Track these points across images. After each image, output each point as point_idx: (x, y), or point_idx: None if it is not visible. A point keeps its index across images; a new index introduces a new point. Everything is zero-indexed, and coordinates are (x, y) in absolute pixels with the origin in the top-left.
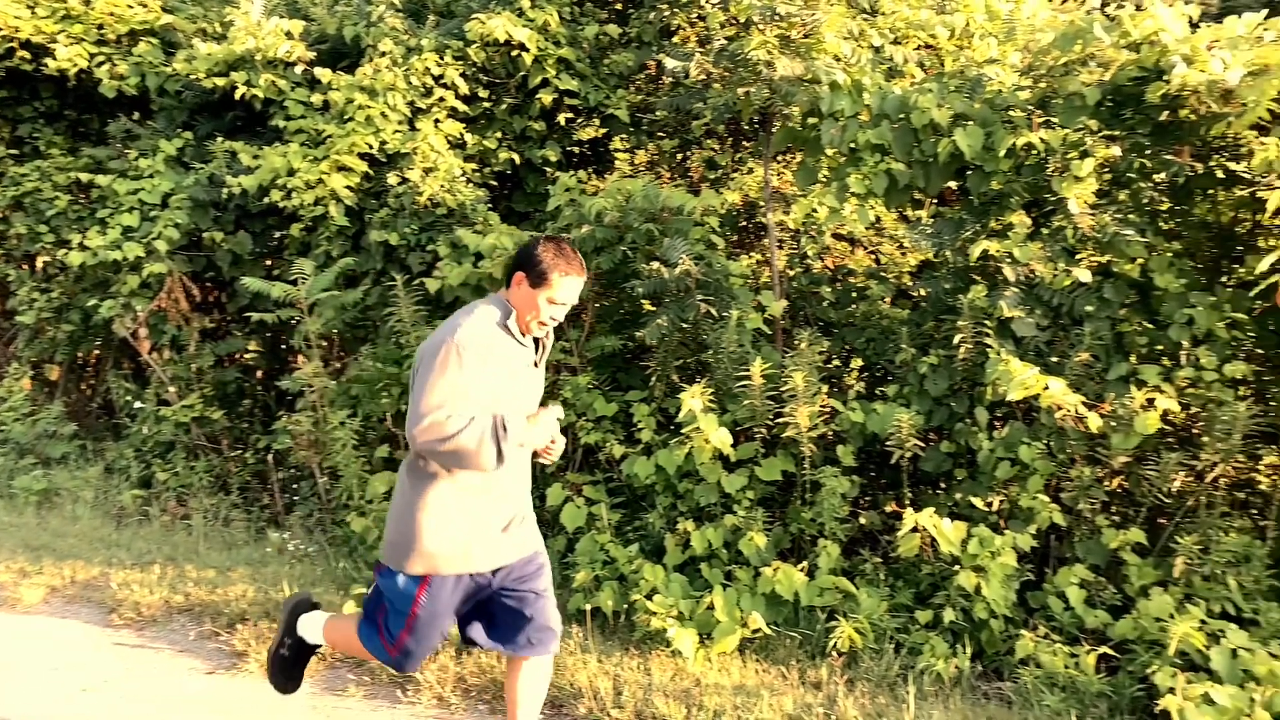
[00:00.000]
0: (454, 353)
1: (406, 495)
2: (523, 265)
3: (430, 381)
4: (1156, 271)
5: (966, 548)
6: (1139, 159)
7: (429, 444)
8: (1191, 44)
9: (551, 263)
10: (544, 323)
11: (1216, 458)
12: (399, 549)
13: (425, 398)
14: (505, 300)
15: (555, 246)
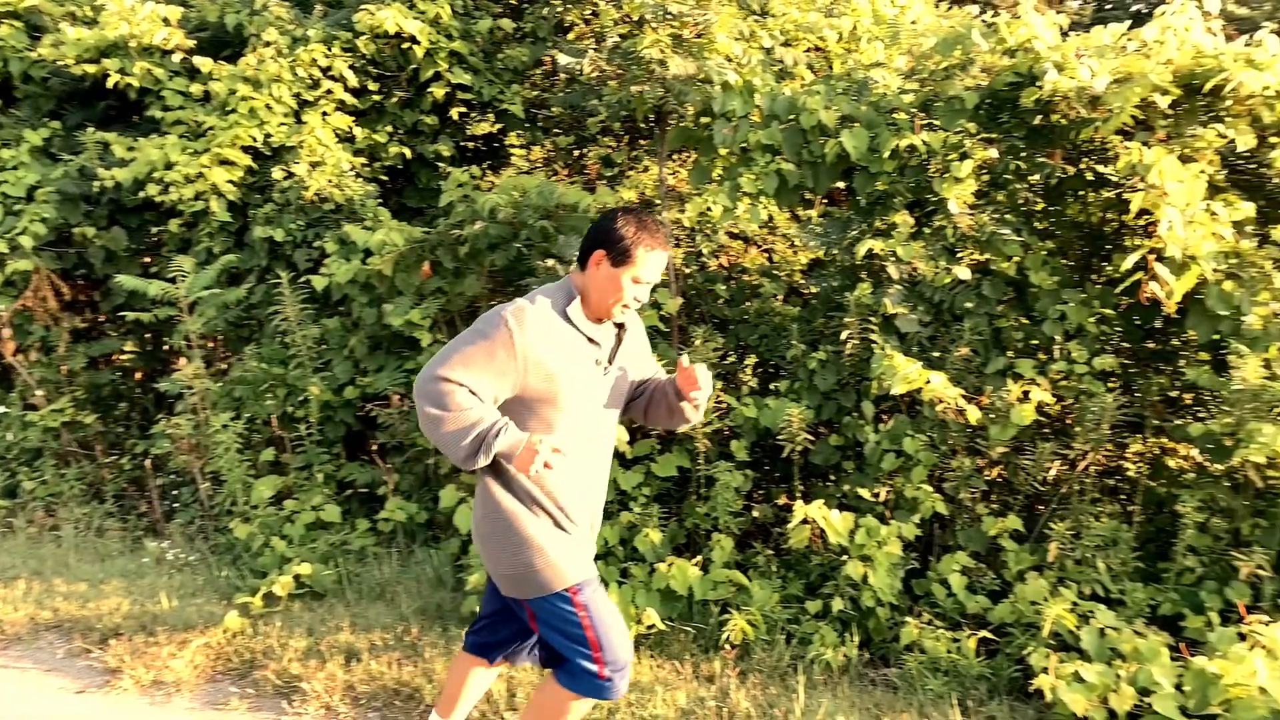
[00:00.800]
0: (504, 330)
1: (499, 518)
2: (602, 242)
3: (471, 348)
4: (1031, 269)
5: (854, 538)
6: (1014, 161)
7: (426, 399)
8: (1062, 52)
9: (635, 237)
10: (628, 305)
11: (1087, 447)
12: (527, 578)
13: (456, 358)
14: (571, 286)
15: (636, 219)
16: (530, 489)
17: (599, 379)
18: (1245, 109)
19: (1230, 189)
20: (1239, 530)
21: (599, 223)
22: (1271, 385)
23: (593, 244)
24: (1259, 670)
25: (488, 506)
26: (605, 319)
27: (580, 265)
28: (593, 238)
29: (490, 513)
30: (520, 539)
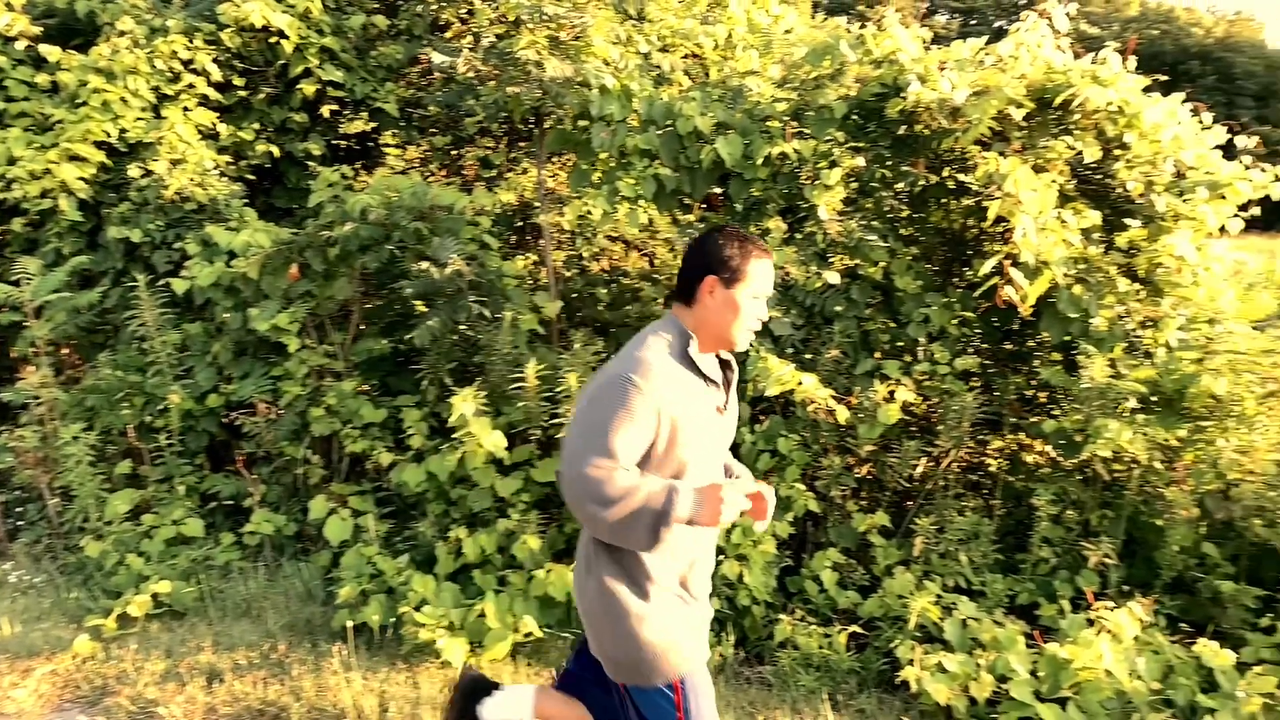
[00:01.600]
0: (633, 390)
1: (614, 597)
2: (710, 266)
3: (610, 421)
4: (897, 274)
5: (730, 538)
6: (881, 170)
7: (583, 493)
8: (925, 64)
9: (742, 250)
10: (752, 328)
11: (950, 444)
12: (638, 666)
13: (596, 439)
14: (680, 323)
15: (735, 234)
16: (651, 565)
17: (719, 424)
18: (1092, 123)
19: (1079, 198)
20: (1089, 521)
21: (698, 249)
22: (1116, 384)
23: (698, 271)
24: (1105, 654)
25: (601, 581)
26: (729, 348)
27: (684, 300)
28: (696, 265)
29: (604, 589)
30: (635, 622)
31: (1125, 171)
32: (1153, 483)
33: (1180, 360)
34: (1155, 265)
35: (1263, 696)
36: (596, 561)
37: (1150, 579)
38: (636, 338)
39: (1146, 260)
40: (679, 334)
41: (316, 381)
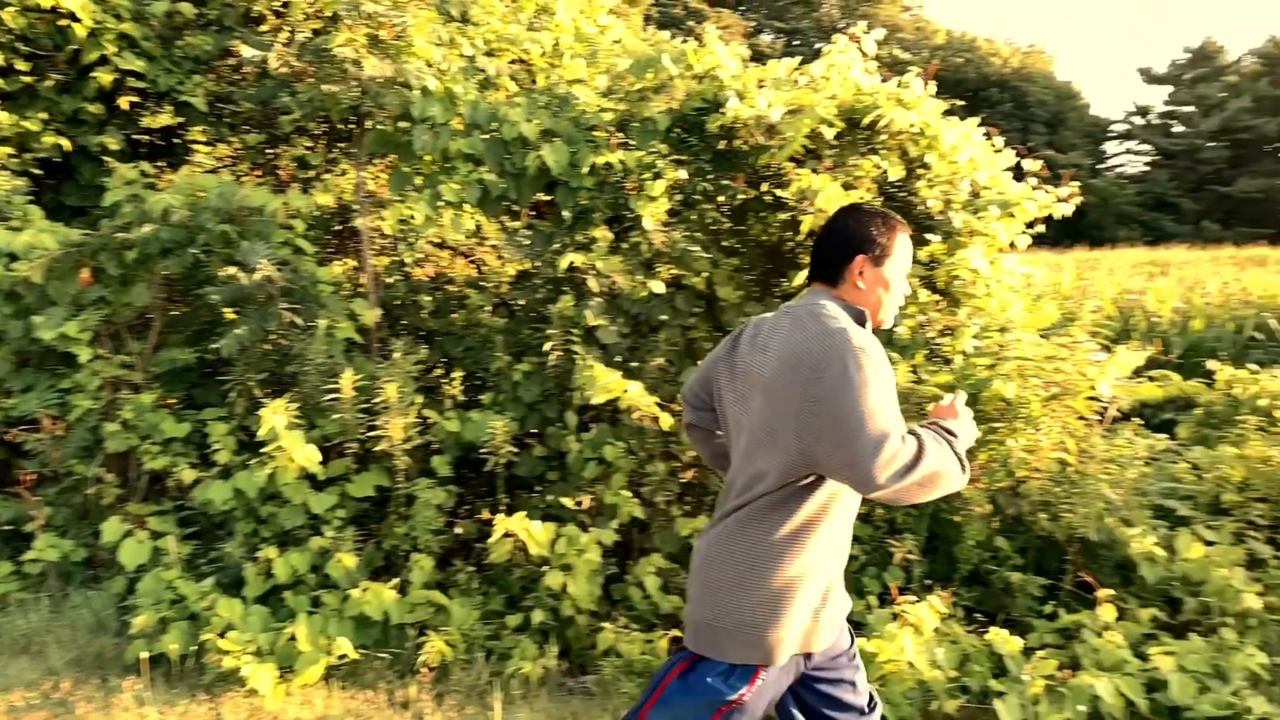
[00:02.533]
0: (866, 360)
1: (749, 560)
2: (857, 246)
3: (864, 402)
4: (720, 284)
5: (555, 548)
6: (703, 183)
7: (895, 477)
8: (743, 81)
9: (886, 225)
10: (900, 304)
11: None
12: (730, 634)
13: (868, 423)
14: (842, 302)
15: (872, 210)
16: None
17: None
18: (896, 143)
19: None
20: (894, 519)
21: (840, 230)
22: (918, 388)
23: (846, 252)
24: (907, 646)
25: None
26: (877, 326)
27: (829, 280)
28: (843, 245)
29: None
30: (769, 591)
31: (927, 190)
32: None
33: (975, 366)
34: (953, 277)
35: (1045, 679)
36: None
37: (950, 572)
38: (805, 316)
39: (945, 273)
40: (847, 308)
41: (112, 394)
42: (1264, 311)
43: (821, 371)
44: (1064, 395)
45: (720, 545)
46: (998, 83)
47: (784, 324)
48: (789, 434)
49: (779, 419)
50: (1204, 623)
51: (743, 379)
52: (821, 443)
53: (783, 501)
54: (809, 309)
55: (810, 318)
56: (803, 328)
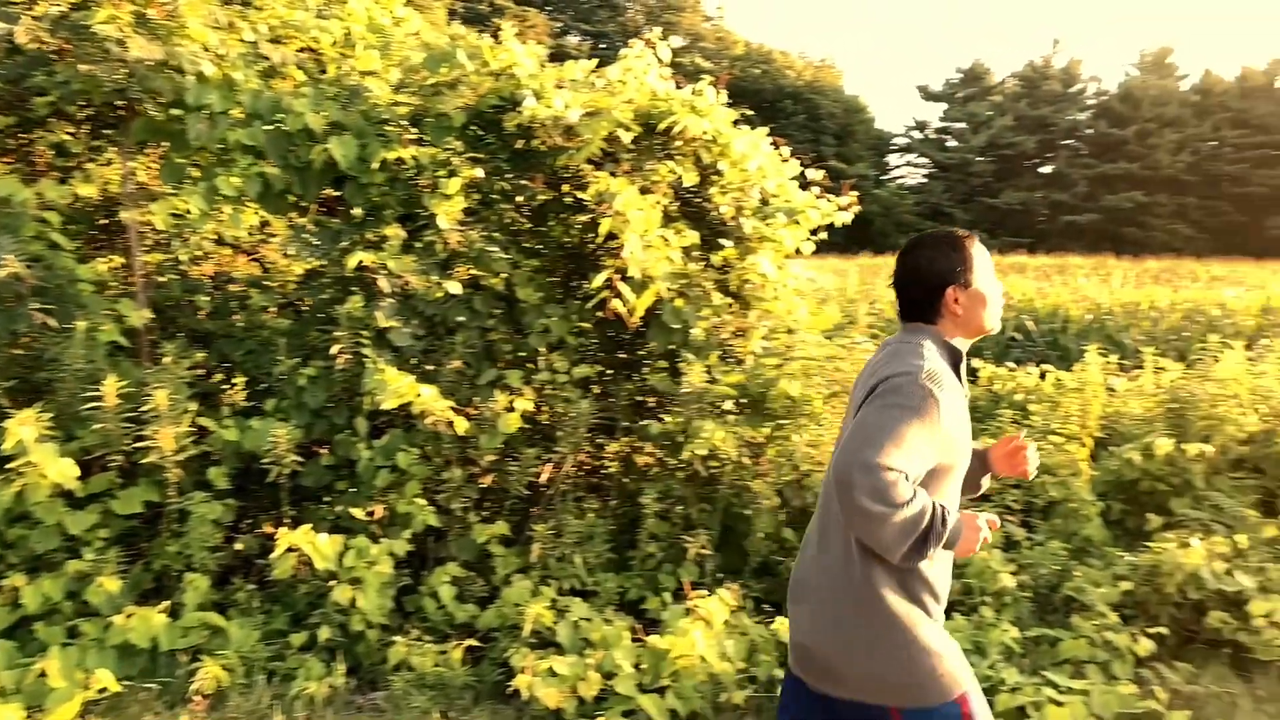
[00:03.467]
0: (931, 400)
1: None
2: (943, 279)
3: (904, 427)
4: (519, 285)
5: (343, 561)
6: (500, 182)
7: (865, 492)
8: (541, 81)
9: (954, 245)
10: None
11: (568, 450)
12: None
13: (888, 441)
14: (931, 332)
15: (934, 238)
16: (917, 583)
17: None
18: (691, 149)
19: (681, 219)
20: (690, 516)
21: (917, 270)
22: (712, 388)
23: (933, 289)
24: (698, 641)
25: (881, 603)
26: (985, 334)
27: (925, 319)
28: (927, 284)
29: (872, 613)
30: (915, 642)
31: (720, 196)
32: (742, 477)
33: (764, 366)
34: (744, 281)
35: None
36: (871, 583)
37: (741, 565)
38: (902, 349)
39: (737, 277)
40: (938, 343)
41: None
42: (1022, 314)
43: (896, 388)
44: (844, 393)
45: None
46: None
47: (882, 358)
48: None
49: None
50: (967, 602)
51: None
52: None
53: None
54: (906, 347)
55: (904, 355)
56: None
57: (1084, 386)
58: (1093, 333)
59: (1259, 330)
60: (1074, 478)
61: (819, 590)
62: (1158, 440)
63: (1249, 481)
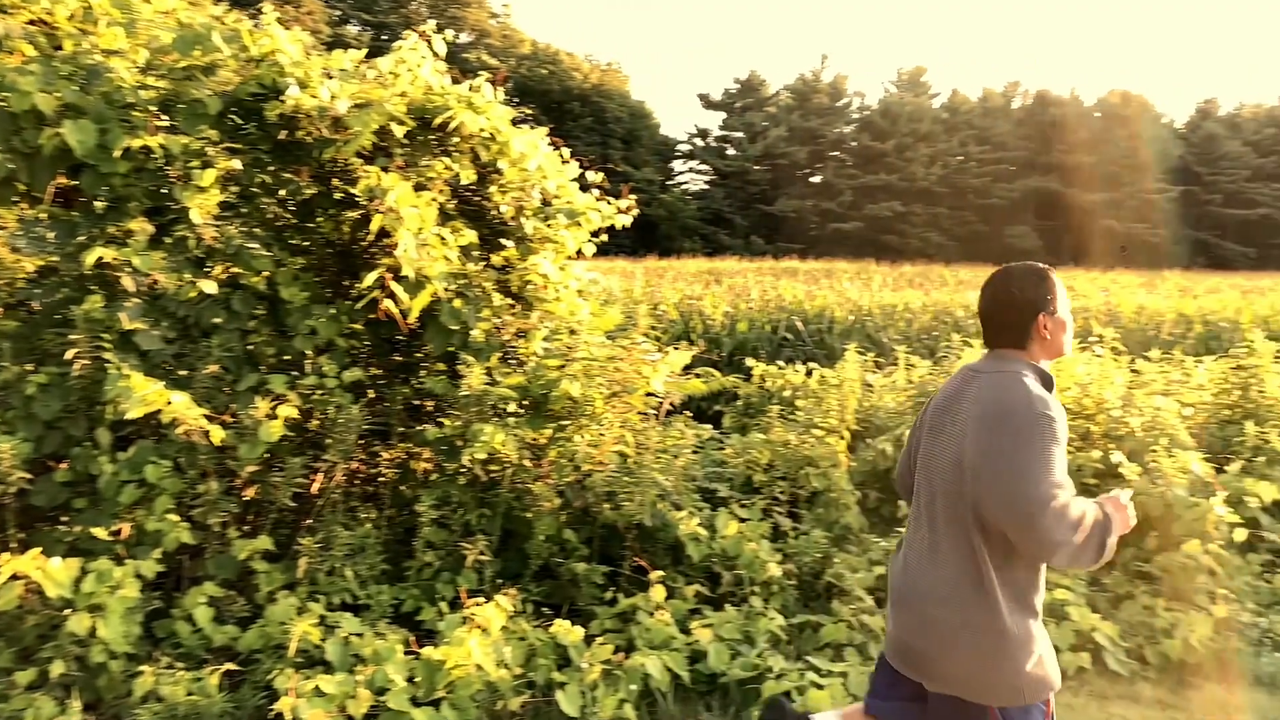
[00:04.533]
0: (1055, 422)
1: (1011, 622)
2: (1035, 308)
3: (1049, 455)
4: (283, 285)
5: (81, 587)
6: (261, 174)
7: (1057, 528)
8: (305, 69)
9: (1039, 277)
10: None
11: (338, 458)
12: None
13: (1043, 472)
14: (1023, 361)
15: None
16: (1033, 591)
17: None
18: (468, 146)
19: (459, 217)
20: (469, 522)
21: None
22: (492, 390)
23: (1026, 317)
24: (474, 649)
25: (998, 613)
26: (1066, 355)
27: (1016, 344)
28: (1020, 313)
29: (992, 622)
30: (1025, 648)
31: (499, 195)
32: (523, 479)
33: (546, 367)
34: (525, 282)
35: (602, 664)
36: (994, 597)
37: (522, 569)
38: (1005, 379)
39: (518, 277)
40: (1033, 370)
41: None
42: (793, 315)
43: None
44: (624, 393)
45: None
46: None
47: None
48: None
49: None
50: (738, 593)
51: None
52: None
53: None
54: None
55: (1011, 386)
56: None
57: (843, 383)
58: (855, 332)
59: None
60: (834, 469)
61: (935, 602)
62: (908, 432)
63: None
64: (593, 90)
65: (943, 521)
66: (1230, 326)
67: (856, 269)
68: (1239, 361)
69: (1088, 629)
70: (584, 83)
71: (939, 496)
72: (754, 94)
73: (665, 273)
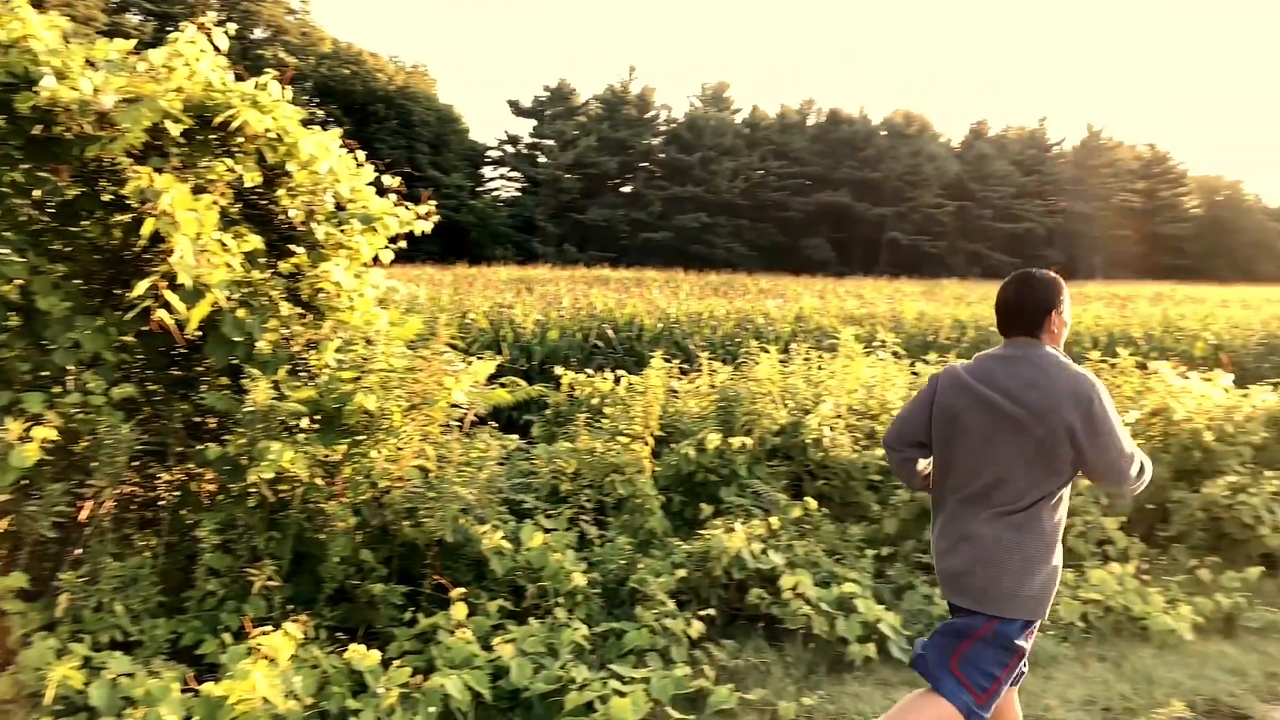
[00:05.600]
0: (1110, 399)
1: (1032, 545)
2: (1050, 305)
3: (1118, 428)
4: (40, 294)
5: None
6: (12, 173)
7: (1139, 483)
8: (64, 58)
9: (1055, 285)
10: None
11: (107, 482)
12: (1027, 600)
13: (1125, 443)
14: (1044, 345)
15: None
16: (1061, 524)
17: None
18: (254, 147)
19: (243, 222)
20: (256, 546)
21: (1033, 298)
22: (281, 405)
23: (1042, 312)
24: (259, 681)
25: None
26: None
27: (1031, 333)
28: (1039, 308)
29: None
30: (1051, 564)
31: (288, 199)
32: (315, 499)
33: (339, 380)
34: (317, 290)
35: (400, 688)
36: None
37: (316, 594)
38: (1054, 361)
39: (309, 285)
40: (1057, 352)
41: None
42: (604, 323)
43: (1092, 401)
44: (424, 405)
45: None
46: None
47: (1023, 369)
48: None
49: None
50: (543, 605)
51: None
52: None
53: (1051, 508)
54: (1050, 359)
55: (1058, 366)
56: (1057, 369)
57: (647, 390)
58: (663, 339)
59: (793, 336)
60: (639, 475)
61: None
62: (709, 435)
63: (782, 468)
64: (398, 92)
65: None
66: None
67: (665, 278)
68: None
69: (874, 620)
70: (389, 84)
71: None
72: (564, 102)
73: (475, 281)
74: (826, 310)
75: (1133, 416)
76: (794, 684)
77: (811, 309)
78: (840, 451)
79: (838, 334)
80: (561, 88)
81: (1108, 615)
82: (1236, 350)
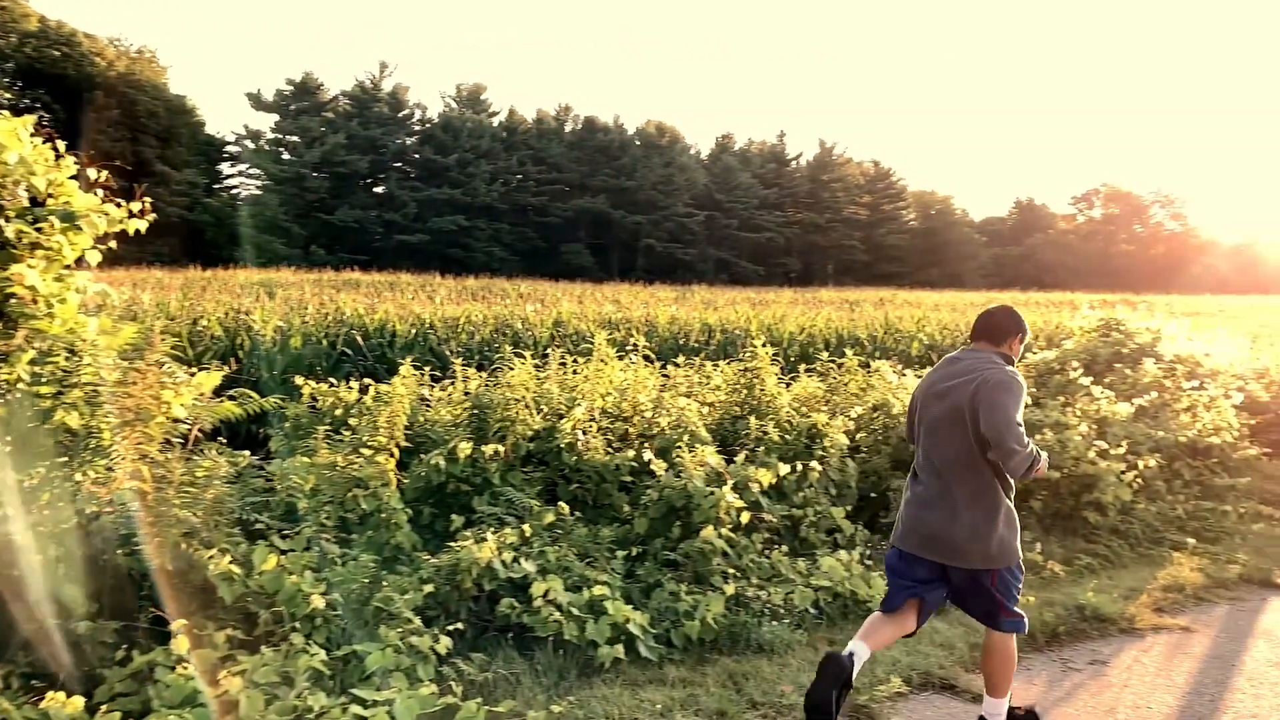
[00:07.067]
0: (1019, 383)
1: (994, 507)
2: (1017, 330)
3: (1016, 403)
4: None
5: None
6: None
7: (1024, 460)
8: None
9: (1018, 318)
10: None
11: None
12: (1010, 549)
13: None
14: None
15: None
16: (1009, 489)
17: None
18: None
19: None
20: None
21: (1003, 322)
22: None
23: (1012, 333)
24: None
25: (992, 505)
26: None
27: (994, 343)
28: (1008, 329)
29: (993, 509)
30: (1014, 525)
31: None
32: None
33: (35, 395)
34: (7, 295)
35: None
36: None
37: (9, 638)
38: (983, 361)
39: None
40: (1001, 357)
41: None
42: (353, 329)
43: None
44: (139, 421)
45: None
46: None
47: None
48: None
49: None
50: (278, 632)
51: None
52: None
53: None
54: (984, 359)
55: (991, 365)
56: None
57: (393, 399)
58: (417, 346)
59: (551, 341)
60: (384, 488)
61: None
62: (460, 444)
63: (537, 474)
64: (120, 79)
65: (953, 451)
66: (742, 334)
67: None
68: (746, 364)
69: (622, 620)
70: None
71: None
72: (310, 97)
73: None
74: (584, 315)
75: (856, 411)
76: (544, 692)
77: (570, 314)
78: (594, 454)
79: (594, 338)
80: (307, 82)
81: (836, 600)
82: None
